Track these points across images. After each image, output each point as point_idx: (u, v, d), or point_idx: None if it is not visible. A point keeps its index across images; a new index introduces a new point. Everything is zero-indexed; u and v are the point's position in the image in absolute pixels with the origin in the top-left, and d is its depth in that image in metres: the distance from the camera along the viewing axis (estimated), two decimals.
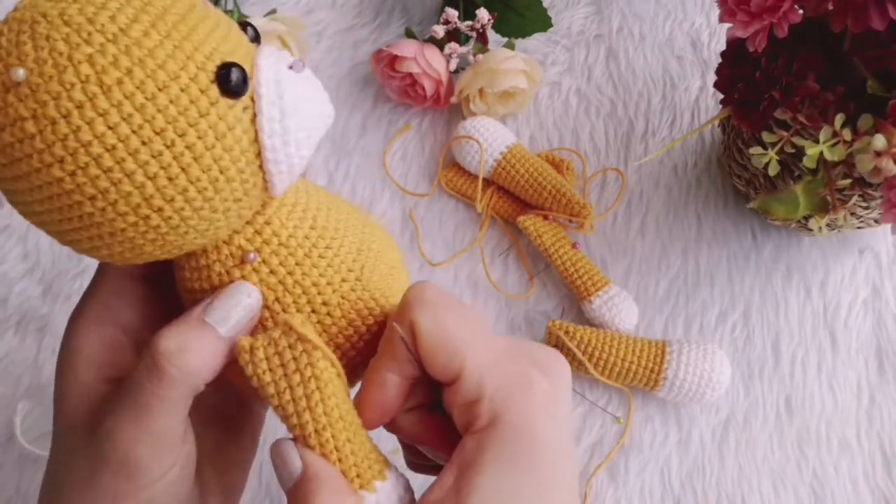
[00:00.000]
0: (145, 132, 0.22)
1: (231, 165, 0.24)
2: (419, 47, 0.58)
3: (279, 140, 0.24)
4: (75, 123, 0.21)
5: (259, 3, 0.67)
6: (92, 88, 0.21)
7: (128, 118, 0.22)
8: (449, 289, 0.56)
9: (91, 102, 0.21)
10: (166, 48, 0.22)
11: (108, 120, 0.22)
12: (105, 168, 0.22)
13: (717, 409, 0.52)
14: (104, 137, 0.22)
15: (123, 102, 0.22)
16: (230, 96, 0.23)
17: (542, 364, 0.27)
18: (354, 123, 0.62)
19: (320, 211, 0.30)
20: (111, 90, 0.22)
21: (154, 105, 0.22)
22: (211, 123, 0.23)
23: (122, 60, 0.22)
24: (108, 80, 0.21)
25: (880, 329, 0.54)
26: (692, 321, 0.55)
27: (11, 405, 0.51)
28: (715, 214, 0.58)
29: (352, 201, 0.59)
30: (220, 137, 0.23)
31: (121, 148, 0.22)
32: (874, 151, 0.37)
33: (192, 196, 0.23)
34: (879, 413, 0.52)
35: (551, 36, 0.65)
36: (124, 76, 0.22)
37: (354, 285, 0.30)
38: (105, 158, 0.22)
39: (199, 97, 0.23)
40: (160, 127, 0.22)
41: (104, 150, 0.22)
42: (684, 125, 0.62)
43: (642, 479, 0.50)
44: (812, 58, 0.41)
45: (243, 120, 0.24)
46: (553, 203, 0.55)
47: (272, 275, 0.28)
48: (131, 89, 0.22)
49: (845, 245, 0.57)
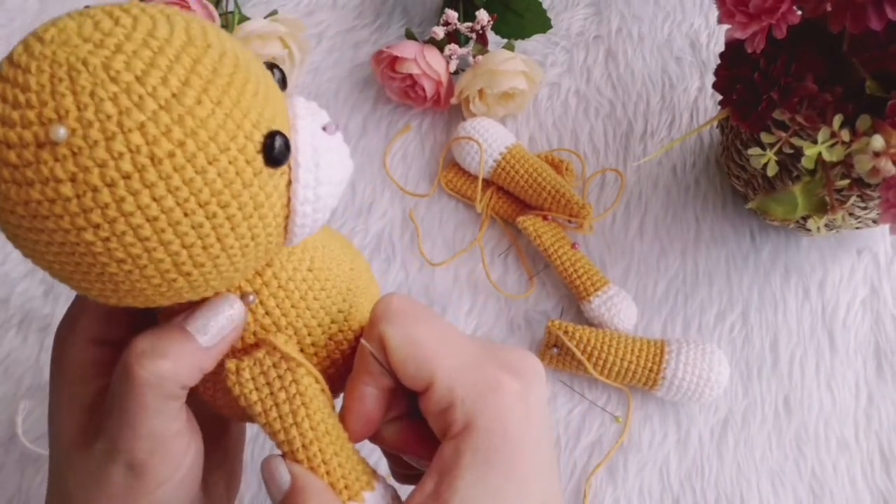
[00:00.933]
0: (190, 205, 0.21)
1: (262, 231, 0.23)
2: (419, 48, 0.58)
3: (310, 207, 0.24)
4: (119, 194, 0.20)
5: (260, 4, 0.67)
6: (142, 160, 0.20)
7: (174, 191, 0.21)
8: (449, 289, 0.56)
9: (140, 174, 0.20)
10: (218, 118, 0.21)
11: (154, 192, 0.20)
12: (142, 237, 0.21)
13: (715, 408, 0.52)
14: (148, 209, 0.20)
15: (172, 176, 0.20)
16: (273, 166, 0.23)
17: (512, 366, 0.28)
18: (355, 124, 0.62)
19: (317, 250, 0.30)
20: (162, 163, 0.20)
21: (203, 179, 0.21)
22: (252, 194, 0.22)
23: (175, 132, 0.20)
24: (160, 153, 0.20)
25: (878, 329, 0.54)
26: (691, 321, 0.55)
27: (13, 405, 0.51)
28: (713, 215, 0.58)
29: (352, 201, 0.59)
30: (258, 207, 0.23)
31: (163, 220, 0.21)
32: (872, 152, 0.37)
33: (222, 262, 0.23)
34: (878, 413, 0.52)
35: (551, 37, 0.65)
36: (176, 148, 0.20)
37: (342, 326, 0.30)
38: (145, 229, 0.21)
39: (245, 168, 0.22)
40: (205, 200, 0.21)
41: (145, 221, 0.21)
42: (683, 126, 0.62)
43: (641, 478, 0.50)
44: (810, 59, 0.42)
45: (280, 187, 0.23)
46: (552, 203, 0.55)
47: (267, 316, 0.28)
48: (182, 162, 0.20)
49: (843, 245, 0.57)
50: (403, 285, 0.56)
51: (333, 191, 0.25)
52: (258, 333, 0.28)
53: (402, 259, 0.57)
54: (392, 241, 0.58)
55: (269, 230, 0.24)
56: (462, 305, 0.55)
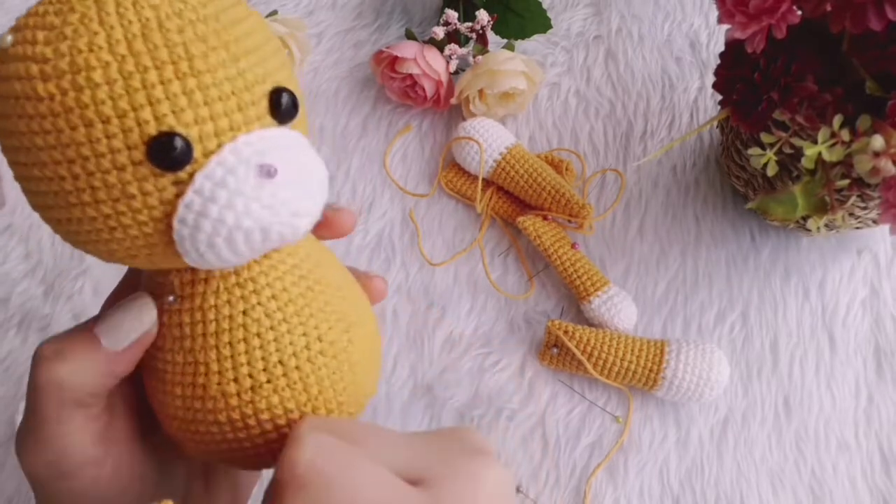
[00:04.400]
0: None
1: (130, 219, 0.23)
2: (419, 48, 0.58)
3: (187, 231, 0.23)
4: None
5: (260, 4, 0.67)
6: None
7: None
8: (449, 289, 0.56)
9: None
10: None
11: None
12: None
13: (715, 408, 0.52)
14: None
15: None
16: (161, 167, 0.22)
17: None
18: (355, 124, 0.62)
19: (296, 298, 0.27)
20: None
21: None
22: (123, 180, 0.22)
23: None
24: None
25: (878, 329, 0.54)
26: (691, 321, 0.55)
27: (13, 405, 0.51)
28: (713, 215, 0.58)
29: (352, 201, 0.59)
30: (129, 197, 0.22)
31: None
32: (872, 152, 0.37)
33: (90, 214, 0.23)
34: (878, 413, 0.52)
35: (550, 37, 0.65)
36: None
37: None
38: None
39: (126, 164, 0.22)
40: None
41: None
42: (683, 126, 0.62)
43: (641, 478, 0.50)
44: (810, 59, 0.42)
45: (163, 185, 0.22)
46: (552, 203, 0.55)
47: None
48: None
49: (844, 245, 0.57)
50: (403, 285, 0.56)
51: (236, 236, 0.23)
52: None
53: (402, 259, 0.57)
54: (392, 241, 0.58)
55: (140, 221, 0.23)
56: (462, 305, 0.55)
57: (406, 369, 0.54)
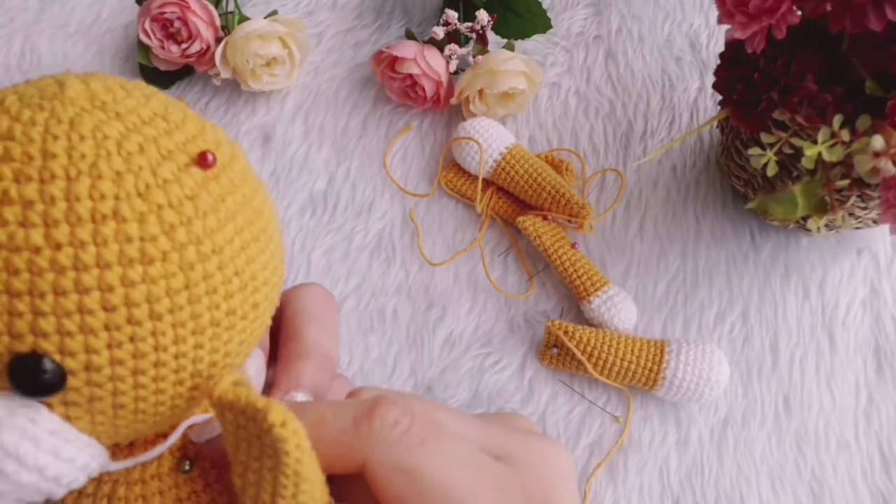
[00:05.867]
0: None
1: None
2: (419, 48, 0.58)
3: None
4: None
5: (260, 4, 0.67)
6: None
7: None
8: (449, 289, 0.56)
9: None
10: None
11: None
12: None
13: (715, 408, 0.52)
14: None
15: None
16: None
17: (546, 497, 0.24)
18: (355, 124, 0.62)
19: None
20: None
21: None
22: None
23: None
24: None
25: (878, 329, 0.54)
26: (691, 321, 0.55)
27: None
28: (713, 215, 0.58)
29: (352, 201, 0.59)
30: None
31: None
32: (872, 152, 0.37)
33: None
34: (878, 413, 0.52)
35: (551, 37, 0.65)
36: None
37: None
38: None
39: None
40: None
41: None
42: (683, 126, 0.62)
43: (641, 478, 0.50)
44: (810, 59, 0.42)
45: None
46: (552, 203, 0.55)
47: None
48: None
49: (844, 245, 0.57)
50: (403, 285, 0.56)
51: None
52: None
53: (402, 259, 0.57)
54: (392, 241, 0.58)
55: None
56: (462, 305, 0.55)
57: (406, 369, 0.54)
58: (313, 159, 0.61)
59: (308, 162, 0.61)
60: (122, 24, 0.66)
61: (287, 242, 0.58)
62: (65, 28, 0.66)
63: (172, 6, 0.58)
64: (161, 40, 0.59)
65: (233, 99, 0.63)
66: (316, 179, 0.60)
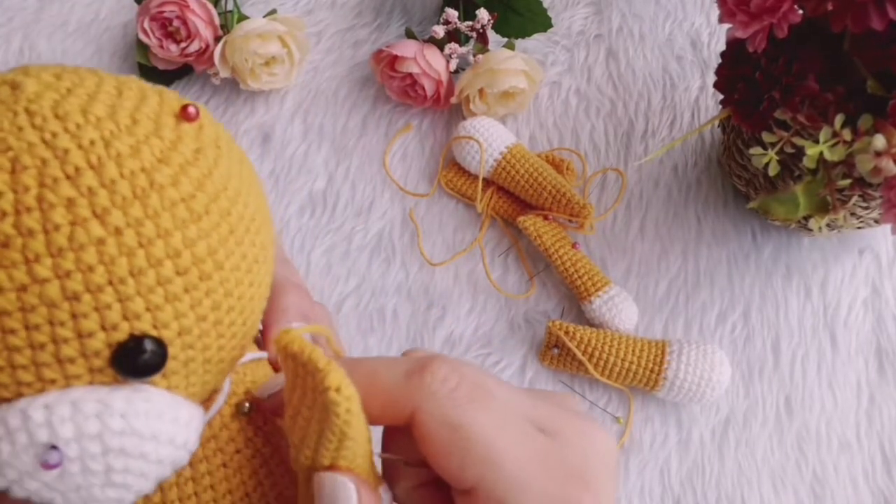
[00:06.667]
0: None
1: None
2: (419, 47, 0.58)
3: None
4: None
5: (259, 3, 0.67)
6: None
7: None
8: (449, 289, 0.56)
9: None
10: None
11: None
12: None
13: (716, 409, 0.52)
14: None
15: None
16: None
17: (583, 475, 0.23)
18: (354, 124, 0.62)
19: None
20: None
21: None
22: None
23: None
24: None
25: (880, 329, 0.54)
26: (692, 321, 0.55)
27: None
28: (715, 214, 0.58)
29: (352, 201, 0.59)
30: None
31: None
32: (874, 151, 0.37)
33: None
34: (879, 413, 0.52)
35: (551, 36, 0.65)
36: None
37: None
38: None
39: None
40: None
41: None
42: (684, 125, 0.62)
43: (642, 478, 0.50)
44: (812, 58, 0.41)
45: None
46: (553, 203, 0.55)
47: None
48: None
49: (845, 245, 0.57)
50: (403, 285, 0.56)
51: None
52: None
53: (402, 259, 0.57)
54: (392, 241, 0.58)
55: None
56: (462, 305, 0.55)
57: None
58: (312, 159, 0.61)
59: (307, 161, 0.61)
60: (121, 23, 0.66)
61: (286, 242, 0.58)
62: (64, 27, 0.66)
63: (171, 5, 0.57)
64: (160, 39, 0.59)
65: (232, 98, 0.63)
66: (315, 179, 0.60)
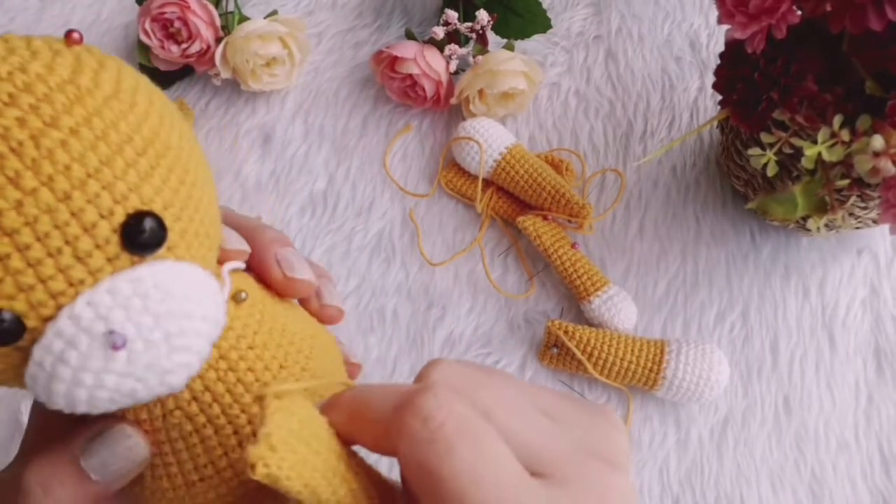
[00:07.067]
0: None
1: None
2: (419, 48, 0.58)
3: (45, 398, 0.20)
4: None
5: (260, 4, 0.67)
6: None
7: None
8: (449, 289, 0.56)
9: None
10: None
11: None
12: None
13: (715, 408, 0.52)
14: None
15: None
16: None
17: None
18: (354, 124, 0.62)
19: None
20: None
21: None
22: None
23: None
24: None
25: (878, 329, 0.54)
26: (691, 321, 0.55)
27: (12, 405, 0.51)
28: (713, 215, 0.58)
29: (352, 201, 0.59)
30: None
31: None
32: (872, 152, 0.37)
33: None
34: (878, 413, 0.52)
35: (550, 37, 0.65)
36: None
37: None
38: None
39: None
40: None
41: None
42: (683, 126, 0.62)
43: (641, 478, 0.50)
44: (810, 59, 0.42)
45: (12, 356, 0.20)
46: (552, 203, 0.55)
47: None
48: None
49: (844, 245, 0.57)
50: (403, 285, 0.56)
51: (98, 404, 0.21)
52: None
53: (402, 259, 0.57)
54: (392, 241, 0.58)
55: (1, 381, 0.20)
56: (462, 305, 0.55)
57: (406, 369, 0.54)
58: (313, 159, 0.61)
59: (308, 162, 0.61)
60: (122, 24, 0.66)
61: None
62: (65, 28, 0.66)
63: (172, 6, 0.58)
64: (161, 40, 0.59)
65: (233, 99, 0.63)
66: (316, 179, 0.60)
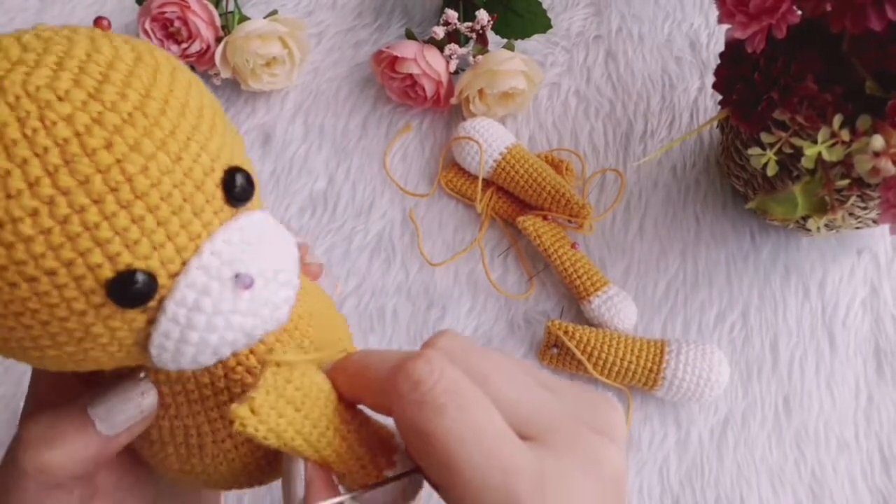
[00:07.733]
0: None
1: (103, 329, 0.20)
2: (419, 48, 0.58)
3: (171, 344, 0.21)
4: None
5: (260, 4, 0.67)
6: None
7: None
8: (449, 289, 0.56)
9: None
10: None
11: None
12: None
13: (715, 408, 0.52)
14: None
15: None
16: (125, 306, 0.19)
17: (570, 499, 0.22)
18: (355, 124, 0.62)
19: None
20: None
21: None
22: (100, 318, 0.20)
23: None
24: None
25: (878, 329, 0.54)
26: (691, 321, 0.55)
27: (12, 405, 0.51)
28: (713, 215, 0.58)
29: (352, 201, 0.59)
30: (95, 336, 0.20)
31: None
32: (872, 152, 0.37)
33: (52, 331, 0.20)
34: (878, 413, 0.52)
35: (550, 37, 0.65)
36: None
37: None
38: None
39: (86, 309, 0.19)
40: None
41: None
42: (683, 126, 0.62)
43: (641, 478, 0.50)
44: (810, 59, 0.42)
45: (137, 320, 0.20)
46: (552, 203, 0.55)
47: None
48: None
49: (844, 245, 0.57)
50: (403, 285, 0.56)
51: (222, 350, 0.22)
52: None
53: (402, 259, 0.57)
54: (392, 241, 0.58)
55: (110, 351, 0.21)
56: (462, 305, 0.55)
57: None
58: (313, 159, 0.61)
59: (308, 162, 0.61)
60: (123, 24, 0.66)
61: None
62: None
63: (172, 6, 0.58)
64: (161, 40, 0.59)
65: (233, 99, 0.63)
66: (316, 179, 0.60)
